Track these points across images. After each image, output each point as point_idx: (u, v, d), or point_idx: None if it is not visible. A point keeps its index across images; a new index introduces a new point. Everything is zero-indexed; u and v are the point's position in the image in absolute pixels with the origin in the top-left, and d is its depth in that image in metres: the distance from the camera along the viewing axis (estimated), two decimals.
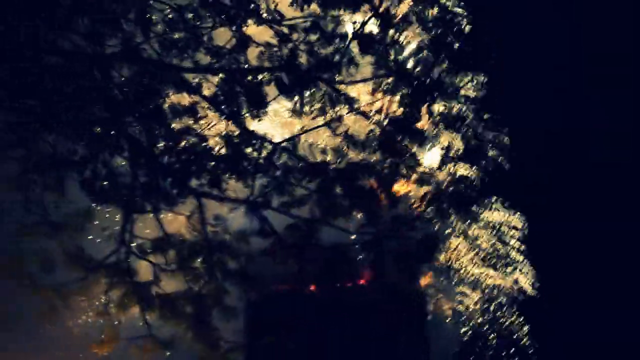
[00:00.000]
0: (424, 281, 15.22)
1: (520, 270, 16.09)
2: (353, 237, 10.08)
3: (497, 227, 15.83)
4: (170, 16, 10.45)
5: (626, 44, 20.05)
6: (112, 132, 10.20)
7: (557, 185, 19.21)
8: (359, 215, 10.09)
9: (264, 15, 10.42)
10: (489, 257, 15.93)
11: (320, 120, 10.22)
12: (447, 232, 14.61)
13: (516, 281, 16.06)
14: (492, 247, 15.92)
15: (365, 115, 10.10)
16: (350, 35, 10.15)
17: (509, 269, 16.06)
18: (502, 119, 13.31)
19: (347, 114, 10.13)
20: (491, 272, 15.93)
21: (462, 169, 10.08)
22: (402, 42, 9.97)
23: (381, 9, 10.02)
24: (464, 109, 10.16)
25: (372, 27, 10.15)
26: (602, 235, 19.00)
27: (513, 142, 13.99)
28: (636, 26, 19.83)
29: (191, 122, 10.36)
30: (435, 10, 9.73)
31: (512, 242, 16.05)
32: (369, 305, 14.04)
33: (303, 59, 10.42)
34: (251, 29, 10.61)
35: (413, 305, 14.87)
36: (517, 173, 14.55)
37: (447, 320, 15.82)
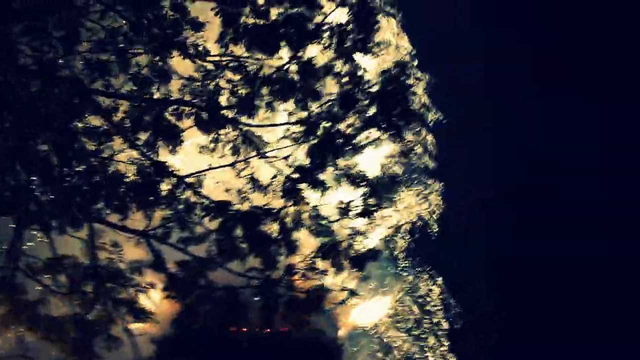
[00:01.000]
0: (332, 335, 15.01)
1: (434, 335, 15.93)
2: (245, 280, 9.94)
3: (411, 289, 15.72)
4: (98, 37, 10.46)
5: None
6: (21, 146, 10.08)
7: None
8: (255, 259, 9.97)
9: (190, 49, 10.51)
10: (401, 319, 15.76)
11: (229, 160, 10.20)
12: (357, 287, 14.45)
13: (430, 347, 15.88)
14: (403, 308, 15.77)
15: (272, 160, 10.10)
16: (269, 79, 10.23)
17: (423, 335, 15.89)
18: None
19: (255, 156, 10.13)
20: (403, 335, 15.76)
21: (361, 225, 10.05)
22: (318, 92, 10.05)
23: (303, 57, 10.14)
24: (366, 164, 10.21)
25: (293, 74, 10.25)
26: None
27: None
28: None
29: (101, 146, 10.28)
30: (349, 66, 9.84)
31: (428, 306, 15.92)
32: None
33: (223, 97, 10.49)
34: (176, 61, 10.66)
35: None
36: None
37: None
